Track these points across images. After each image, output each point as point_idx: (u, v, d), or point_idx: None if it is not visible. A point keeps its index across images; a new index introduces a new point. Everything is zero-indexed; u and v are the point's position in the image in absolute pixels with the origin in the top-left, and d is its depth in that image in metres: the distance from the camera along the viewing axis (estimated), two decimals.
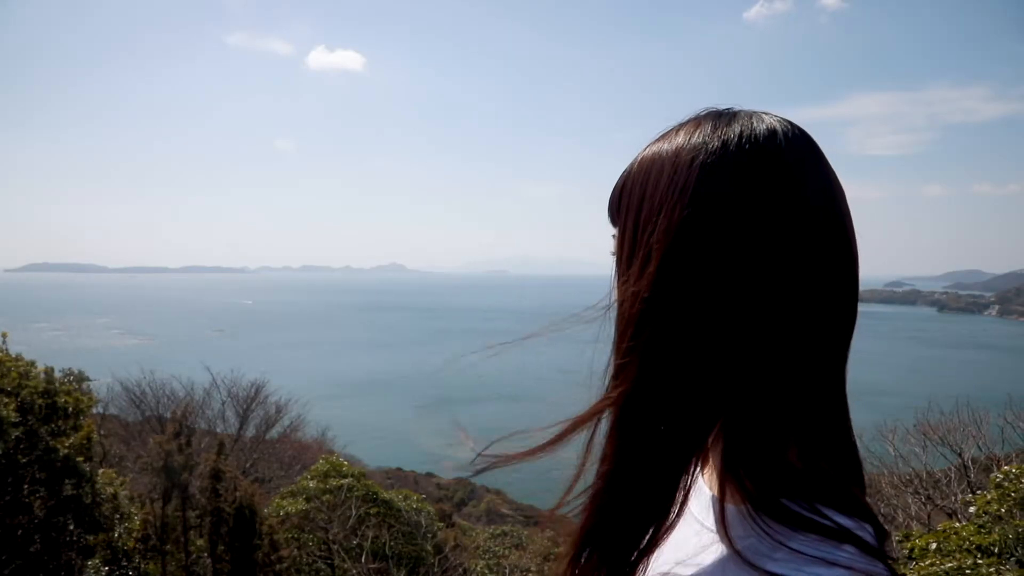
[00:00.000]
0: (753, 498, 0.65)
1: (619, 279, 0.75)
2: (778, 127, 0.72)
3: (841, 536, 0.62)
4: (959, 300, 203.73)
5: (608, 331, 0.75)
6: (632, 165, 0.78)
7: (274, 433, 17.26)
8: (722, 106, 0.77)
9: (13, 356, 8.41)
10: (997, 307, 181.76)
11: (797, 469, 0.67)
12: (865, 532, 0.63)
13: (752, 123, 0.72)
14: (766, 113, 0.75)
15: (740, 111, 0.75)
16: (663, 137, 0.76)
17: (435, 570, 10.79)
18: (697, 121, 0.75)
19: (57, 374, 9.17)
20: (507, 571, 9.96)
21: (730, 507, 0.68)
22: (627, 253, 0.74)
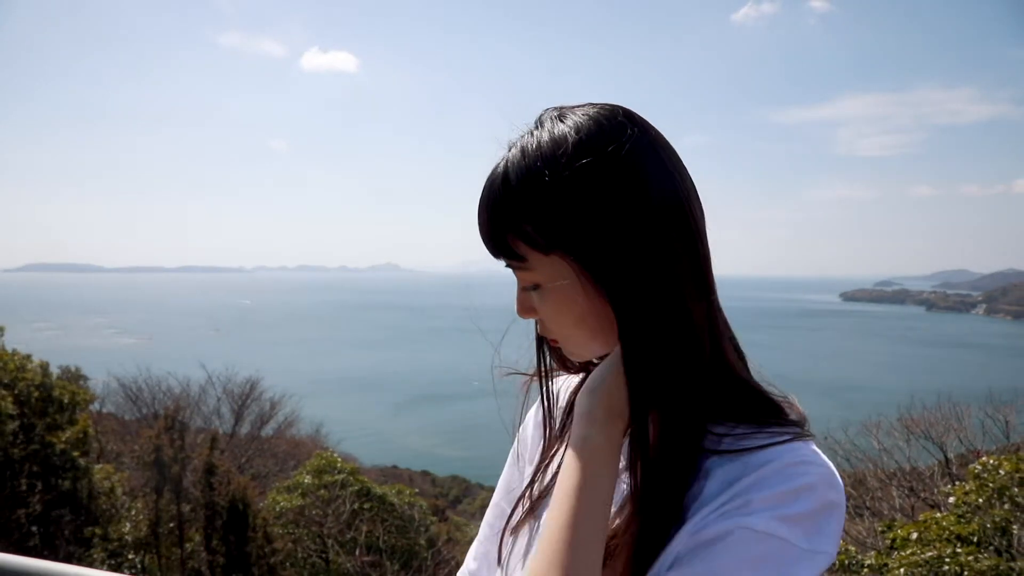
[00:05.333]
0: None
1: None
2: (568, 131, 0.82)
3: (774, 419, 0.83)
4: (947, 299, 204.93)
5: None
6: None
7: (269, 430, 17.32)
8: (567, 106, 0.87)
9: (9, 351, 8.51)
10: (984, 306, 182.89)
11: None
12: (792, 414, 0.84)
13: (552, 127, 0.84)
14: (575, 108, 0.85)
15: (544, 117, 0.86)
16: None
17: (428, 563, 10.92)
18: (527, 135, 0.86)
19: (54, 371, 9.29)
20: None
21: None
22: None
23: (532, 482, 1.00)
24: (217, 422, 16.25)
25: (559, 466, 0.95)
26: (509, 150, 0.85)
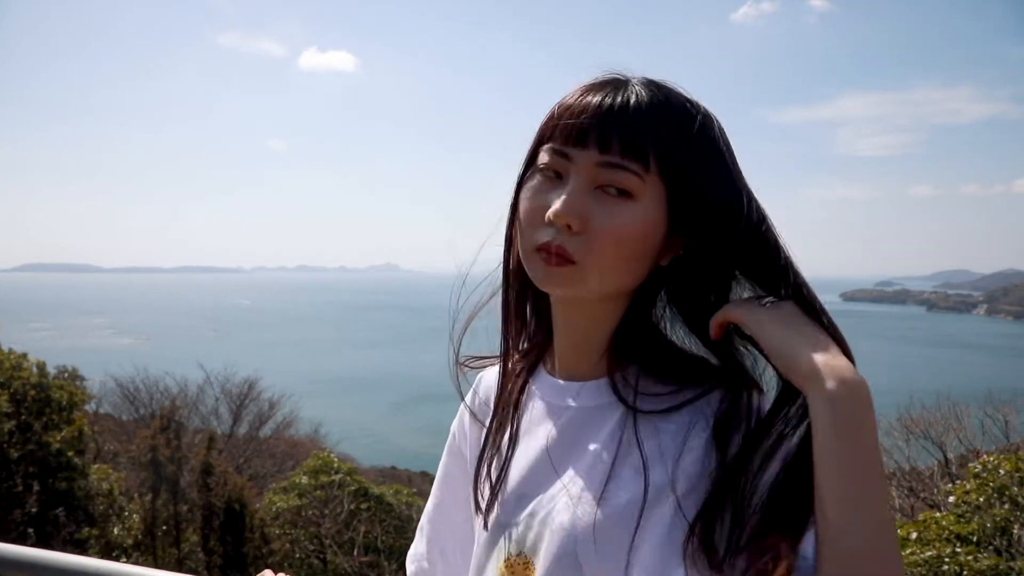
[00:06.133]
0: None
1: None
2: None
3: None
4: (948, 299, 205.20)
5: None
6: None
7: (267, 430, 17.31)
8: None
9: (5, 350, 8.47)
10: (985, 306, 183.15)
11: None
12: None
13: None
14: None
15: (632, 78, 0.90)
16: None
17: None
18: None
19: (51, 371, 9.25)
20: None
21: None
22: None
23: (489, 468, 0.99)
24: (215, 422, 16.23)
25: (509, 452, 0.97)
26: (627, 84, 0.87)
